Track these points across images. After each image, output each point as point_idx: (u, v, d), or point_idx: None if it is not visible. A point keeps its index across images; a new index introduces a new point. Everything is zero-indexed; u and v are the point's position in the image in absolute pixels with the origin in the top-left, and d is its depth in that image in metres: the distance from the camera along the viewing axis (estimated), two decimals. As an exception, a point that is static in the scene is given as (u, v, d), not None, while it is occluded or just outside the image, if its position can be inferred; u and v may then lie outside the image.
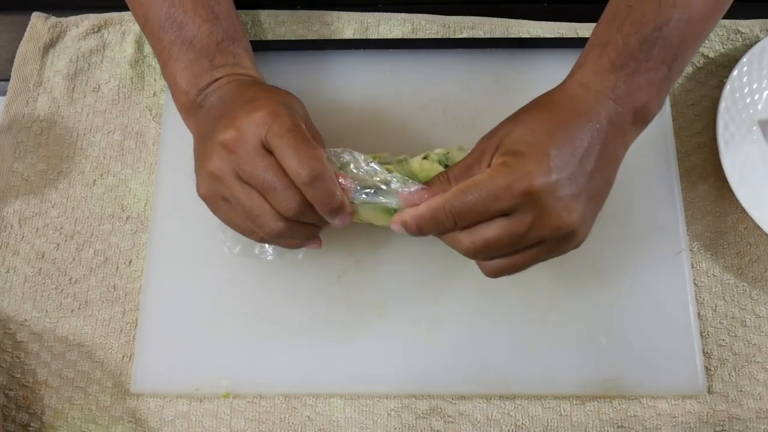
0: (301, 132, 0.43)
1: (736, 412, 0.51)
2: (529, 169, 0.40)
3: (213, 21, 0.50)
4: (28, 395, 0.52)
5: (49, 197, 0.58)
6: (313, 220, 0.44)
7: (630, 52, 0.43)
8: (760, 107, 0.57)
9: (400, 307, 0.53)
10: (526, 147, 0.41)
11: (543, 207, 0.40)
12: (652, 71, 0.44)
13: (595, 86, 0.44)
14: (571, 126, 0.42)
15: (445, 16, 0.63)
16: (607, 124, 0.42)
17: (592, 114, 0.42)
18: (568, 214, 0.40)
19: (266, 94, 0.47)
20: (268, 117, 0.42)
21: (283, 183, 0.42)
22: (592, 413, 0.51)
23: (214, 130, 0.44)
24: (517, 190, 0.39)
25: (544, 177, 0.39)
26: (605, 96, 0.43)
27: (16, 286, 0.55)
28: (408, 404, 0.51)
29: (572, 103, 0.43)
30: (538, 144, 0.41)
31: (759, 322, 0.53)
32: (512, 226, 0.41)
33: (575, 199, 0.40)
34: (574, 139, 0.41)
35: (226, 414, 0.51)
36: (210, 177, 0.44)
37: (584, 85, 0.44)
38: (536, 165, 0.40)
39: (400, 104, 0.58)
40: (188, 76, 0.49)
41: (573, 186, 0.40)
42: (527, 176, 0.39)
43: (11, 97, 0.61)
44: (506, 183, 0.40)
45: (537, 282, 0.53)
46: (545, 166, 0.40)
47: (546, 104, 0.44)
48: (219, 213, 0.47)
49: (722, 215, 0.56)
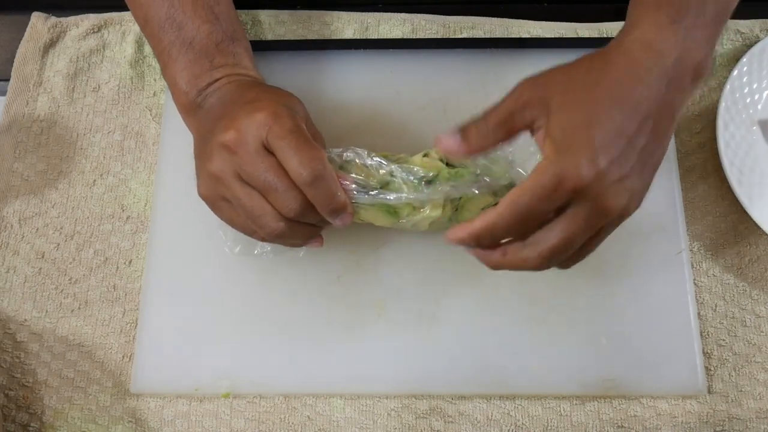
0: (302, 133, 0.43)
1: (736, 412, 0.51)
2: (575, 163, 0.38)
3: (213, 21, 0.50)
4: (28, 395, 0.52)
5: (49, 197, 0.58)
6: (315, 220, 0.44)
7: (688, 5, 0.41)
8: (760, 107, 0.57)
9: (400, 307, 0.53)
10: (575, 134, 0.39)
11: (594, 197, 0.39)
12: (707, 27, 0.42)
13: (656, 44, 0.41)
14: (625, 101, 0.40)
15: (445, 16, 0.63)
16: (665, 88, 0.41)
17: (651, 81, 0.40)
18: (619, 198, 0.39)
19: (267, 94, 0.47)
20: (268, 118, 0.42)
21: (285, 184, 0.42)
22: (592, 413, 0.51)
23: (214, 131, 0.44)
24: (566, 188, 0.38)
25: (590, 169, 0.38)
26: (668, 55, 0.41)
27: (16, 286, 0.55)
28: (408, 404, 0.51)
29: (630, 71, 0.41)
30: (585, 127, 0.39)
31: (759, 322, 0.53)
32: (570, 223, 0.40)
33: (626, 179, 0.39)
34: (625, 117, 0.40)
35: (226, 414, 0.51)
36: (211, 178, 0.44)
37: (645, 44, 0.41)
38: (582, 157, 0.38)
39: (400, 104, 0.58)
40: (188, 76, 0.49)
41: (622, 167, 0.39)
42: (574, 171, 0.38)
43: (11, 97, 0.61)
44: (555, 182, 0.39)
45: (537, 282, 0.53)
46: (591, 157, 0.38)
47: (601, 72, 0.41)
48: (220, 213, 0.47)
49: (722, 215, 0.56)
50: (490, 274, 0.53)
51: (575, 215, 0.40)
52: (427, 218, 0.47)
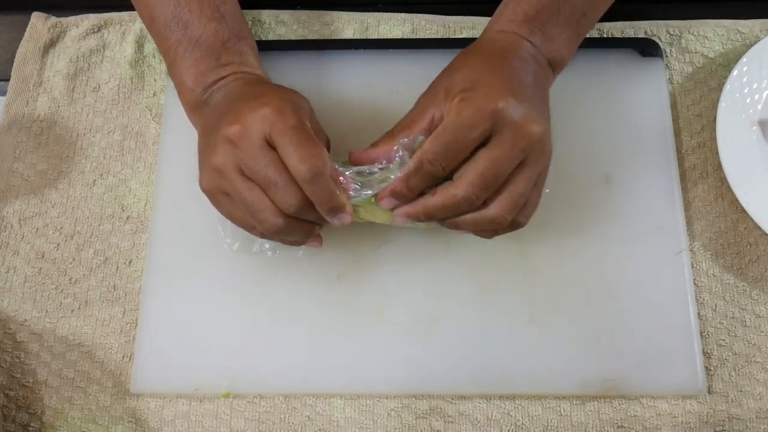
0: (305, 129, 0.43)
1: (736, 412, 0.51)
2: (487, 94, 0.43)
3: (219, 20, 0.51)
4: (28, 395, 0.52)
5: (49, 197, 0.58)
6: (313, 217, 0.45)
7: (542, 6, 0.48)
8: (760, 107, 0.57)
9: (400, 307, 0.53)
10: (475, 83, 0.44)
11: (513, 121, 0.42)
12: (562, 24, 0.49)
13: (512, 31, 0.48)
14: (504, 60, 0.46)
15: (445, 16, 0.63)
16: (530, 58, 0.48)
17: (516, 50, 0.47)
18: (535, 124, 0.43)
19: (272, 91, 0.47)
20: (273, 113, 0.43)
21: (285, 179, 0.42)
22: (592, 413, 0.51)
23: (219, 126, 0.45)
24: (485, 112, 0.42)
25: (503, 97, 0.42)
26: (524, 39, 0.48)
27: (16, 286, 0.55)
28: (408, 404, 0.51)
29: (497, 45, 0.48)
30: (483, 78, 0.44)
31: (759, 322, 0.53)
32: (493, 151, 0.43)
33: (533, 111, 0.44)
34: (510, 69, 0.46)
35: (226, 414, 0.51)
36: (213, 171, 0.45)
37: (503, 31, 0.49)
38: (492, 90, 0.43)
39: (400, 104, 0.58)
40: (194, 74, 0.50)
41: (526, 102, 0.44)
42: (489, 99, 0.42)
43: (11, 97, 0.61)
44: (473, 111, 0.42)
45: (537, 282, 0.53)
46: (499, 90, 0.43)
47: (473, 51, 0.49)
48: (220, 207, 0.47)
49: (722, 215, 0.56)
50: (490, 274, 0.53)
51: (498, 142, 0.43)
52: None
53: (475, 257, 0.54)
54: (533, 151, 0.43)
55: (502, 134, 0.42)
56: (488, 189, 0.43)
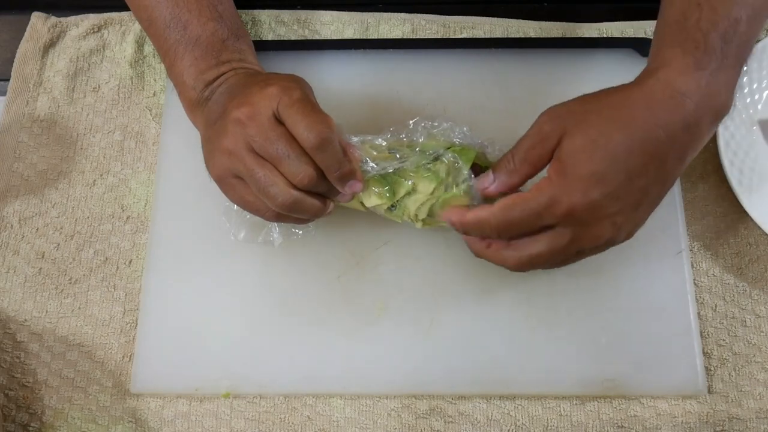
0: (310, 101, 0.44)
1: (736, 412, 0.51)
2: (570, 189, 0.40)
3: (217, 19, 0.51)
4: (28, 395, 0.52)
5: (49, 197, 0.58)
6: (324, 189, 0.45)
7: (713, 50, 0.42)
8: (760, 107, 0.57)
9: (400, 307, 0.53)
10: (579, 161, 0.41)
11: (583, 224, 0.41)
12: (730, 68, 0.43)
13: (680, 88, 0.42)
14: (636, 139, 0.41)
15: (445, 16, 0.63)
16: (682, 132, 0.41)
17: (668, 124, 0.41)
18: (605, 230, 0.42)
19: (276, 75, 0.48)
20: (279, 90, 0.44)
21: (295, 152, 0.43)
22: (592, 413, 0.51)
23: (225, 112, 0.45)
24: (558, 210, 0.41)
25: (583, 198, 0.40)
26: (690, 99, 0.41)
27: (16, 286, 0.55)
28: (408, 404, 0.51)
29: (650, 110, 0.41)
30: (589, 156, 0.41)
31: (759, 322, 0.53)
32: (554, 241, 0.42)
33: (616, 215, 0.41)
34: (632, 154, 0.41)
35: (226, 414, 0.51)
36: (223, 154, 0.45)
37: (668, 86, 0.42)
38: (578, 185, 0.40)
39: (400, 104, 0.58)
40: (195, 72, 0.50)
41: (616, 202, 0.41)
42: (569, 196, 0.40)
43: (11, 97, 0.61)
44: (549, 202, 0.41)
45: (537, 282, 0.53)
46: (587, 186, 0.40)
47: (620, 106, 0.42)
48: (232, 192, 0.47)
49: (722, 215, 0.56)
50: (490, 274, 0.53)
51: (560, 235, 0.42)
52: (419, 200, 0.47)
53: (475, 257, 0.54)
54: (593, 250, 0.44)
55: (565, 229, 0.42)
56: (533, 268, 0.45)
